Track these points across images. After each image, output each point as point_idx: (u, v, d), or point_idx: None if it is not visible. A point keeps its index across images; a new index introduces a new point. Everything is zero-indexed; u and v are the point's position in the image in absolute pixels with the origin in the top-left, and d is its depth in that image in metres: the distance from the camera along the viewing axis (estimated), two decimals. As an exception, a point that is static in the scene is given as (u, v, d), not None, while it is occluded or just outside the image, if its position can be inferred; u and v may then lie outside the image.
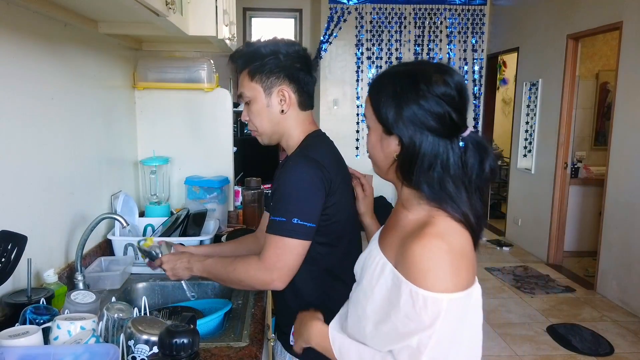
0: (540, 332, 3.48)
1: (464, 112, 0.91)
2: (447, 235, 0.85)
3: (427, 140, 0.89)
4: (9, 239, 1.02)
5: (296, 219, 1.15)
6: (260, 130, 1.32)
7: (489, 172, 0.90)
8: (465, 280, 0.85)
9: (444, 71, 0.91)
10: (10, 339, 0.88)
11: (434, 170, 0.89)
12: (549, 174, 4.90)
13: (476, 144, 0.90)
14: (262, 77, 1.26)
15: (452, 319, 0.83)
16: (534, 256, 5.15)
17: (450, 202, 0.88)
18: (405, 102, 0.89)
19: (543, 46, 5.02)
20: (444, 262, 0.83)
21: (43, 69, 1.42)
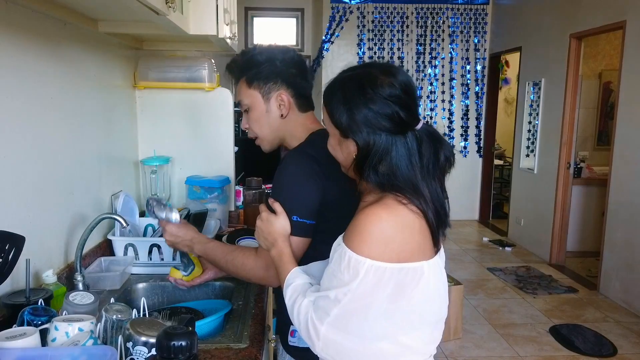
0: (543, 332, 3.47)
1: (413, 109, 0.97)
2: (390, 209, 0.92)
3: (380, 139, 0.95)
4: (6, 239, 1.01)
5: (295, 216, 1.16)
6: (261, 136, 1.34)
7: (444, 161, 0.97)
8: (396, 254, 0.91)
9: (389, 72, 0.97)
10: (7, 340, 0.87)
11: (383, 164, 0.94)
12: (552, 174, 4.88)
13: (430, 135, 0.96)
14: (259, 84, 1.28)
15: (369, 283, 0.90)
16: (536, 256, 5.13)
17: (398, 189, 0.94)
18: (355, 107, 0.95)
19: (545, 45, 5.00)
20: (375, 229, 0.91)
21: (42, 68, 1.42)
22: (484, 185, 6.54)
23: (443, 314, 1.05)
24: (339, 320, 0.93)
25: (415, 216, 0.93)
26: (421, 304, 0.95)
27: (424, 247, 0.95)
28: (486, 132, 6.45)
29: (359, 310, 0.93)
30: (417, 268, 0.93)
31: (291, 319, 1.04)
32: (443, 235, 1.01)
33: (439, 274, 1.00)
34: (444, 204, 0.98)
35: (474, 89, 6.34)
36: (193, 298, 1.72)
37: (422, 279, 0.93)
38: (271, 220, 1.15)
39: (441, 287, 1.01)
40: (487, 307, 3.87)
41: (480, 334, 3.44)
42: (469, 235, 5.96)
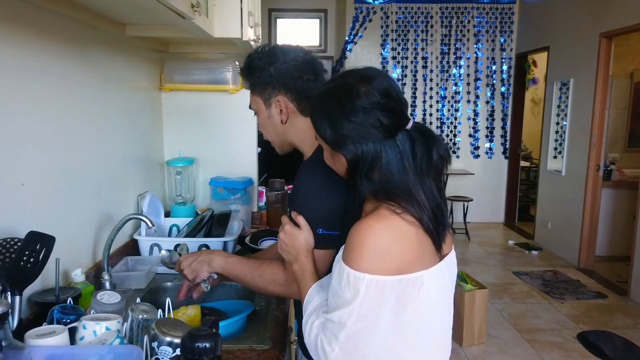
0: (570, 339, 3.39)
1: (398, 110, 0.94)
2: (385, 220, 0.90)
3: (367, 147, 0.92)
4: (37, 240, 1.04)
5: (321, 229, 1.12)
6: (270, 140, 1.34)
7: (438, 160, 0.94)
8: (394, 266, 0.89)
9: (365, 80, 0.94)
10: (37, 338, 0.90)
11: (375, 171, 0.93)
12: (581, 176, 4.77)
13: (422, 133, 0.94)
14: (259, 90, 1.26)
15: (372, 299, 0.88)
16: (563, 260, 5.02)
17: (392, 196, 0.92)
18: (336, 121, 0.94)
19: (574, 45, 4.89)
20: (371, 242, 0.88)
21: (72, 71, 1.45)
22: (510, 187, 6.43)
23: (450, 323, 1.03)
24: (348, 342, 0.91)
25: (411, 225, 0.91)
26: (425, 314, 0.94)
27: (423, 255, 0.92)
28: (512, 133, 6.34)
29: (366, 329, 0.91)
30: (417, 278, 0.91)
31: (304, 337, 1.02)
32: (443, 239, 0.96)
33: (443, 281, 0.97)
34: (440, 205, 0.95)
35: (500, 90, 6.24)
36: (216, 298, 1.73)
37: (422, 289, 0.91)
38: (295, 233, 1.11)
39: (445, 295, 0.98)
40: (512, 312, 3.80)
41: (505, 339, 3.38)
42: (494, 238, 5.87)
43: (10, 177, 1.15)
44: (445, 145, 0.95)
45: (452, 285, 1.02)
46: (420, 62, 6.15)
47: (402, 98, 0.97)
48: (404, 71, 6.16)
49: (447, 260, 1.00)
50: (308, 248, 1.11)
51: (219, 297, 1.74)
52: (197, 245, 1.80)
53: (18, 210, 1.18)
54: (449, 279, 1.00)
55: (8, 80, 1.15)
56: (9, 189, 1.15)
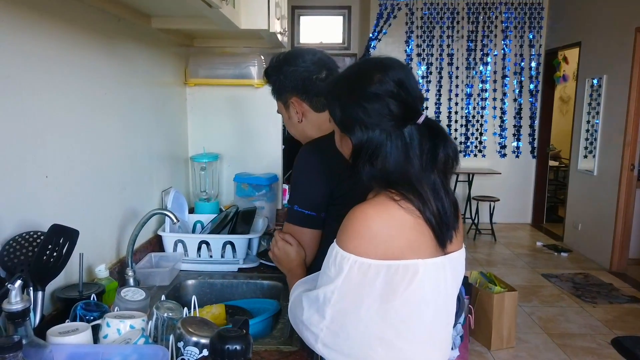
0: (604, 344, 3.26)
1: (410, 103, 0.93)
2: (379, 206, 0.91)
3: (373, 135, 0.92)
4: (60, 233, 1.00)
5: (296, 205, 1.24)
6: (295, 137, 1.46)
7: (443, 158, 0.92)
8: (382, 251, 0.88)
9: (381, 67, 0.95)
10: (60, 336, 0.86)
11: (376, 159, 0.92)
12: (614, 176, 4.60)
13: (430, 130, 0.93)
14: (278, 96, 1.41)
15: (355, 280, 0.89)
16: (595, 263, 4.85)
17: (392, 185, 0.91)
18: (346, 104, 0.95)
19: (608, 40, 4.72)
20: (361, 226, 0.89)
21: (96, 63, 1.42)
22: (538, 187, 6.26)
23: (446, 320, 0.99)
24: (334, 322, 0.92)
25: (407, 213, 0.90)
26: (418, 305, 0.92)
27: (418, 245, 0.91)
28: (541, 131, 6.17)
29: (350, 309, 0.91)
30: (409, 266, 0.89)
31: (291, 321, 1.05)
32: (448, 238, 0.95)
33: (442, 276, 0.95)
34: (444, 204, 0.93)
35: (528, 87, 6.08)
36: (241, 296, 1.70)
37: (416, 278, 0.89)
38: (287, 250, 1.23)
39: (443, 291, 0.96)
40: (542, 315, 3.68)
41: (535, 344, 3.27)
42: (521, 240, 5.71)
43: (34, 169, 1.12)
44: (453, 146, 0.94)
45: (454, 284, 0.99)
46: (446, 59, 6.03)
47: (417, 92, 0.96)
48: (429, 68, 6.05)
49: (451, 257, 0.97)
50: (299, 261, 1.23)
51: (243, 296, 1.70)
52: (222, 242, 1.76)
53: (41, 203, 1.15)
54: (451, 276, 0.97)
55: (35, 71, 1.12)
56: (33, 181, 1.12)
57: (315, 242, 1.26)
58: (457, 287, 1.01)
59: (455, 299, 1.02)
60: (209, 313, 1.45)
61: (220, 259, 1.78)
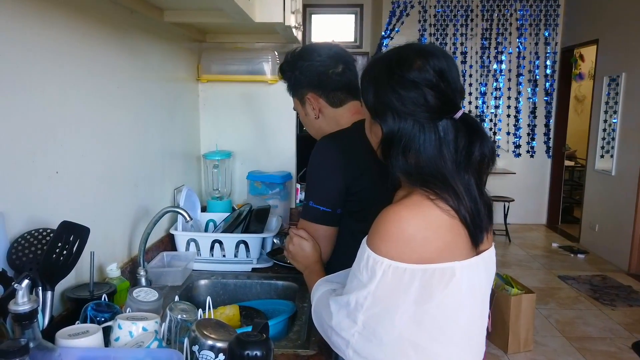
0: (625, 348, 3.17)
1: (449, 95, 0.88)
2: (413, 207, 0.86)
3: (406, 125, 0.88)
4: (70, 231, 0.96)
5: (312, 201, 1.21)
6: (313, 135, 1.41)
7: (478, 157, 0.87)
8: (418, 254, 0.83)
9: (424, 54, 0.89)
10: (69, 338, 0.82)
11: (409, 152, 0.88)
12: (633, 176, 4.49)
13: (468, 126, 0.88)
14: (294, 92, 1.39)
15: (389, 285, 0.84)
16: (612, 265, 4.74)
17: (425, 182, 0.87)
18: (381, 88, 0.90)
19: (627, 37, 4.61)
20: (395, 228, 0.84)
21: (109, 56, 1.38)
22: (553, 187, 6.14)
23: (481, 322, 0.95)
24: (367, 328, 0.88)
25: (444, 213, 0.85)
26: (454, 309, 0.87)
27: (454, 246, 0.86)
28: (556, 131, 6.06)
29: (383, 315, 0.86)
30: (446, 269, 0.85)
31: (316, 325, 1.01)
32: (481, 239, 0.90)
33: (477, 277, 0.90)
34: (478, 205, 0.88)
35: (543, 86, 5.97)
36: (254, 297, 1.65)
37: (453, 280, 0.85)
38: (303, 246, 1.20)
39: (478, 292, 0.92)
40: (559, 318, 3.59)
41: (553, 347, 3.19)
42: (537, 240, 5.61)
43: (44, 164, 1.08)
44: (491, 144, 0.89)
45: (487, 283, 0.95)
46: (460, 57, 5.94)
47: (458, 85, 0.91)
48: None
49: (484, 256, 0.92)
50: (316, 258, 1.19)
51: (257, 296, 1.66)
52: (235, 241, 1.71)
53: (51, 199, 1.11)
54: (485, 276, 0.93)
55: (46, 62, 1.08)
56: (43, 177, 1.08)
57: (331, 239, 1.22)
58: (490, 286, 0.96)
59: (488, 300, 0.96)
60: (223, 314, 1.41)
61: (234, 258, 1.73)
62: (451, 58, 0.92)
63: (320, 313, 0.98)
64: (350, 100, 1.34)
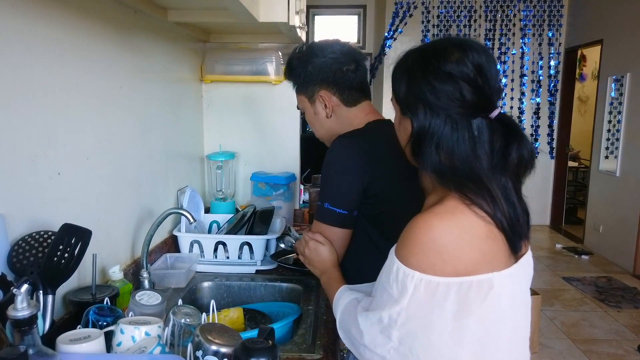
0: (631, 351, 3.14)
1: (486, 92, 0.83)
2: (447, 215, 0.79)
3: (438, 120, 0.83)
4: (72, 233, 0.94)
5: (327, 203, 1.17)
6: (319, 135, 1.36)
7: (516, 159, 0.81)
8: (452, 266, 0.78)
9: (463, 47, 0.84)
10: (70, 343, 0.80)
11: (441, 150, 0.83)
12: (638, 177, 4.46)
13: (504, 126, 0.83)
14: (302, 89, 1.31)
15: (422, 300, 0.79)
16: (617, 266, 4.71)
17: (460, 184, 0.81)
18: (414, 78, 0.86)
19: (632, 37, 4.58)
20: (425, 238, 0.79)
21: (112, 56, 1.36)
22: (557, 188, 6.11)
23: (524, 333, 0.89)
24: (403, 345, 0.82)
25: (480, 220, 0.79)
26: (495, 322, 0.81)
27: (492, 256, 0.80)
28: (560, 131, 6.03)
29: (420, 332, 0.81)
30: (484, 281, 0.78)
31: (343, 340, 0.97)
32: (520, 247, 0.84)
33: (517, 285, 0.85)
34: (517, 210, 0.82)
35: (547, 86, 5.94)
36: (259, 300, 1.63)
37: (492, 292, 0.79)
38: (319, 249, 1.16)
39: (519, 300, 0.86)
40: (565, 320, 3.57)
41: (559, 349, 3.16)
42: (540, 242, 5.58)
43: (46, 165, 1.06)
44: (530, 146, 0.83)
45: (527, 288, 0.90)
46: (463, 58, 5.91)
47: (496, 82, 0.85)
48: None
49: (523, 262, 0.87)
50: (333, 261, 1.15)
51: (261, 299, 1.63)
52: (239, 242, 1.69)
53: (53, 201, 1.09)
54: (525, 282, 0.89)
55: (48, 61, 1.06)
56: (44, 178, 1.06)
57: (345, 242, 1.19)
58: (529, 291, 0.91)
59: (529, 306, 0.91)
60: (227, 317, 1.39)
61: (237, 260, 1.72)
62: (491, 55, 0.86)
63: (349, 330, 0.92)
64: (364, 100, 1.30)
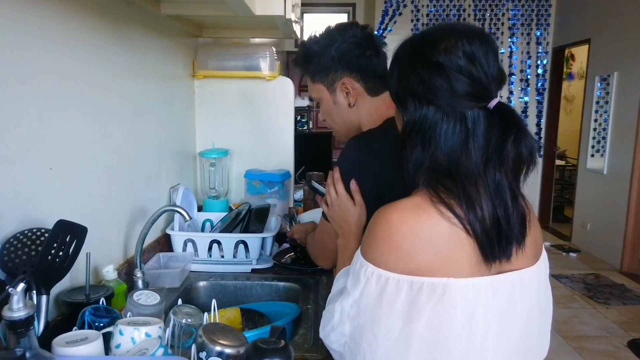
0: (621, 347, 3.16)
1: (481, 82, 0.76)
2: (407, 211, 0.76)
3: (428, 111, 0.78)
4: (67, 230, 0.90)
5: None
6: (335, 128, 1.27)
7: (513, 153, 0.74)
8: (404, 264, 0.74)
9: (452, 35, 0.78)
10: (67, 346, 0.76)
11: (429, 145, 0.78)
12: (625, 175, 4.51)
13: (502, 117, 0.76)
14: (321, 76, 1.20)
15: (373, 294, 0.76)
16: (605, 263, 4.76)
17: (433, 183, 0.76)
18: (404, 72, 0.81)
19: (619, 37, 4.63)
20: (382, 233, 0.76)
21: (106, 48, 1.32)
22: (545, 187, 6.16)
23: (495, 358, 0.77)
24: (352, 340, 0.79)
25: (444, 221, 0.73)
26: (446, 334, 0.73)
27: (451, 260, 0.74)
28: (548, 130, 6.08)
29: (367, 327, 0.76)
30: (437, 284, 0.72)
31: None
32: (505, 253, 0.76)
33: (482, 301, 0.75)
34: (506, 209, 0.75)
35: (535, 85, 5.99)
36: (255, 299, 1.60)
37: (444, 299, 0.72)
38: (349, 208, 1.06)
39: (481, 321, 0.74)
40: (555, 317, 3.53)
41: (551, 346, 3.11)
42: (529, 240, 5.61)
43: (38, 159, 1.02)
44: (530, 142, 0.76)
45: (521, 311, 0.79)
46: (452, 57, 5.92)
47: (493, 70, 0.78)
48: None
49: (510, 277, 0.77)
50: (359, 226, 1.04)
51: (258, 298, 1.60)
52: (234, 241, 1.66)
53: (45, 197, 1.04)
54: (507, 302, 0.77)
55: (40, 51, 1.01)
56: (36, 174, 1.01)
57: None
58: (529, 315, 0.80)
59: (531, 332, 0.82)
60: (224, 317, 1.35)
61: (232, 259, 1.68)
62: (487, 39, 0.79)
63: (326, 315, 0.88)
64: (385, 90, 1.19)
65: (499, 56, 0.82)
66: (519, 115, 0.78)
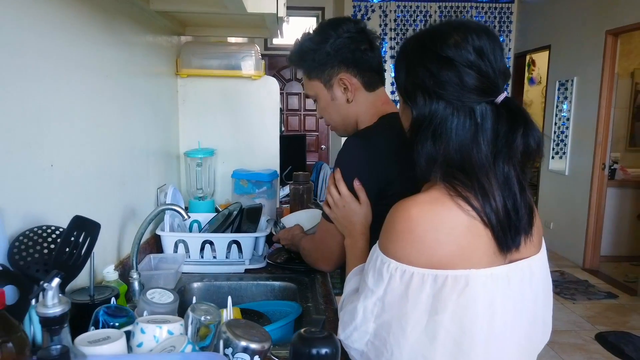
0: (589, 340, 3.30)
1: (488, 77, 0.79)
2: (427, 205, 0.77)
3: (437, 106, 0.79)
4: (80, 227, 0.86)
5: None
6: (333, 124, 1.27)
7: (521, 146, 0.77)
8: (426, 258, 0.75)
9: (461, 30, 0.80)
10: (90, 345, 0.72)
11: (440, 139, 0.79)
12: (585, 176, 4.72)
13: (510, 111, 0.78)
14: (317, 73, 1.19)
15: (398, 290, 0.76)
16: (568, 261, 4.95)
17: (449, 177, 0.78)
18: (413, 66, 0.82)
19: (578, 43, 4.84)
20: (403, 227, 0.77)
21: (99, 42, 1.27)
22: (508, 188, 6.35)
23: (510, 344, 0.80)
24: (378, 337, 0.79)
25: (462, 214, 0.75)
26: (471, 323, 0.75)
27: (471, 252, 0.76)
28: (510, 133, 6.28)
29: (394, 323, 0.77)
30: (459, 277, 0.74)
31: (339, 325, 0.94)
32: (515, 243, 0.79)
33: (505, 290, 0.78)
34: (515, 201, 0.78)
35: (498, 90, 6.17)
36: (250, 299, 1.58)
37: (467, 290, 0.74)
38: (354, 208, 1.07)
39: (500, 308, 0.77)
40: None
41: (524, 341, 3.26)
42: (495, 239, 5.78)
43: (39, 156, 0.97)
44: (537, 134, 0.78)
45: (525, 297, 0.81)
46: (419, 61, 6.05)
47: (501, 65, 0.80)
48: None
49: (521, 265, 0.81)
50: (365, 225, 1.06)
51: (253, 298, 1.58)
52: (227, 241, 1.63)
53: (47, 194, 1.00)
54: (519, 288, 0.80)
55: (37, 43, 0.97)
56: (38, 170, 0.97)
57: None
58: (538, 300, 0.84)
59: (537, 319, 0.85)
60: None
61: (225, 259, 1.65)
62: (494, 35, 0.82)
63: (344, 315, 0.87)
64: (381, 85, 1.23)
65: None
66: (525, 109, 0.81)
